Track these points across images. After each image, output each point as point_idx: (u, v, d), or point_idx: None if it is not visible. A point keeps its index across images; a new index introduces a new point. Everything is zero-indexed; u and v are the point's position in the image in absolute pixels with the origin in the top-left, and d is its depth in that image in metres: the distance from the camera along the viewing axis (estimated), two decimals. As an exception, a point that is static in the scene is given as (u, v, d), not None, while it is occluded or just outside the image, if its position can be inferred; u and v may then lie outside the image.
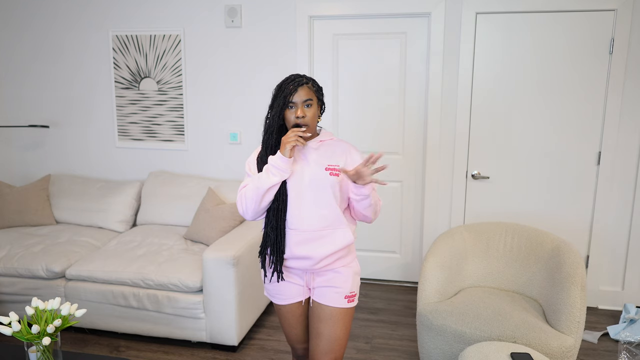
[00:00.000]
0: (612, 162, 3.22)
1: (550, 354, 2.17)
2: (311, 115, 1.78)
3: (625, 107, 3.17)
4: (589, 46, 3.16)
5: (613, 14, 3.10)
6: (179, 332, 2.84)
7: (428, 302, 2.49)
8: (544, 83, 3.26)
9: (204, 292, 2.75)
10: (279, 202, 1.79)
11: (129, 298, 2.84)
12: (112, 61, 3.80)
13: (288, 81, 1.78)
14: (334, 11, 3.44)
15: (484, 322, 2.28)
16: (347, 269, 1.88)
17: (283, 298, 1.92)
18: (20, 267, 2.96)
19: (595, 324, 3.17)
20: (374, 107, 3.57)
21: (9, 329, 1.70)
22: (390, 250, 3.76)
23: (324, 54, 3.57)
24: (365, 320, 3.22)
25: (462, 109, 3.37)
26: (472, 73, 3.34)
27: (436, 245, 2.72)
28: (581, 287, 2.32)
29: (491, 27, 3.28)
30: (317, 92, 1.82)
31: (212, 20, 3.61)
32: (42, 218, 3.58)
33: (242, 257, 2.76)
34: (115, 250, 3.10)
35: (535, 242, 2.72)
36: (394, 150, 3.60)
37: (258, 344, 2.93)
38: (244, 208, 1.81)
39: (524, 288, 2.68)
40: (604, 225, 3.30)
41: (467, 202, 3.50)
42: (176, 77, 3.72)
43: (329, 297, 1.86)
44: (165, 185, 3.62)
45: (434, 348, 2.38)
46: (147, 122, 3.83)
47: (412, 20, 3.41)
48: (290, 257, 1.83)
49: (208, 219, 3.18)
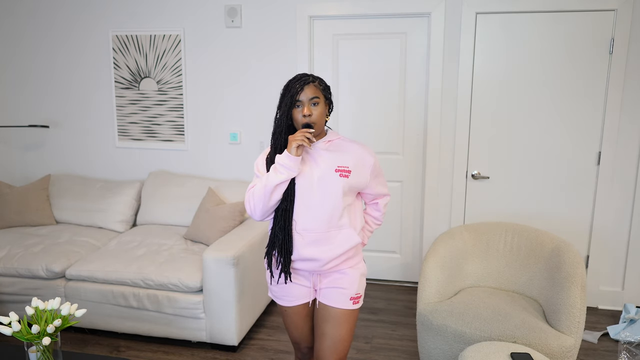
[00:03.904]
0: (612, 162, 3.22)
1: (550, 354, 2.17)
2: (318, 114, 1.77)
3: (625, 107, 3.17)
4: (589, 46, 3.16)
5: (613, 14, 3.09)
6: (179, 332, 2.84)
7: (428, 302, 2.49)
8: (544, 83, 3.25)
9: (204, 292, 2.75)
10: (288, 202, 1.78)
11: (129, 298, 2.84)
12: (112, 61, 3.80)
13: (294, 80, 1.77)
14: (334, 11, 3.44)
15: (484, 322, 2.28)
16: (353, 270, 1.87)
17: (289, 300, 1.91)
18: (20, 267, 2.96)
19: (595, 324, 3.17)
20: (374, 107, 3.57)
21: (9, 329, 1.70)
22: (390, 250, 3.76)
23: (324, 54, 3.57)
24: (365, 320, 3.22)
25: (462, 109, 3.37)
26: (472, 73, 3.34)
27: (436, 245, 2.72)
28: (581, 287, 2.32)
29: (491, 27, 3.27)
30: (324, 91, 1.81)
31: (212, 20, 3.61)
32: (42, 218, 3.58)
33: (242, 257, 2.76)
34: (115, 250, 3.10)
35: (535, 242, 2.72)
36: (394, 150, 3.60)
37: (258, 344, 2.93)
38: (252, 208, 1.80)
39: (524, 288, 2.68)
40: (604, 225, 3.30)
41: (467, 202, 3.50)
42: (176, 77, 3.72)
43: (334, 298, 1.85)
44: (165, 185, 3.62)
45: (434, 348, 2.38)
46: (147, 122, 3.83)
47: (412, 20, 3.41)
48: (298, 258, 1.82)
49: (208, 219, 3.18)
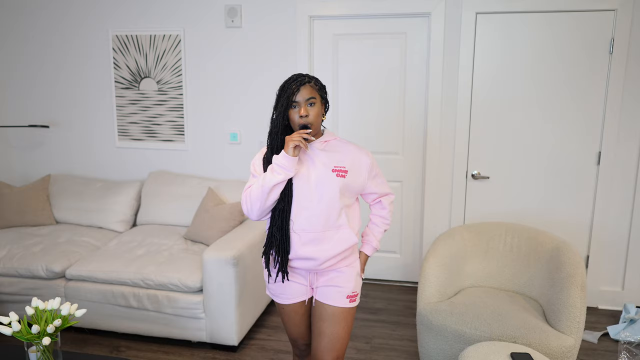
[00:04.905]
0: (612, 162, 3.22)
1: (550, 354, 2.17)
2: (314, 114, 1.77)
3: (625, 107, 3.17)
4: (589, 46, 3.16)
5: (613, 14, 3.09)
6: (179, 332, 2.84)
7: (428, 302, 2.49)
8: (544, 83, 3.25)
9: (204, 292, 2.75)
10: (285, 202, 1.79)
11: (129, 298, 2.84)
12: (112, 61, 3.80)
13: (290, 81, 1.78)
14: (334, 11, 3.44)
15: (484, 322, 2.28)
16: (350, 268, 1.89)
17: (286, 297, 1.93)
18: (20, 267, 2.96)
19: (595, 324, 3.17)
20: (374, 107, 3.57)
21: (9, 329, 1.70)
22: (390, 250, 3.76)
23: (324, 54, 3.57)
24: (365, 320, 3.22)
25: (462, 109, 3.37)
26: (472, 73, 3.33)
27: (436, 245, 2.72)
28: (581, 287, 2.32)
29: (491, 27, 3.27)
30: (319, 91, 1.81)
31: (212, 20, 3.61)
32: (42, 218, 3.58)
33: (242, 257, 2.76)
34: (115, 250, 3.10)
35: (535, 242, 2.72)
36: (394, 150, 3.60)
37: (258, 344, 2.93)
38: (249, 208, 1.81)
39: (524, 288, 2.68)
40: (604, 225, 3.30)
41: (467, 202, 3.50)
42: (176, 77, 3.72)
43: (331, 296, 1.87)
44: (165, 185, 3.62)
45: (434, 348, 2.38)
46: (147, 122, 3.83)
47: (412, 20, 3.41)
48: (295, 257, 1.83)
49: (208, 219, 3.18)
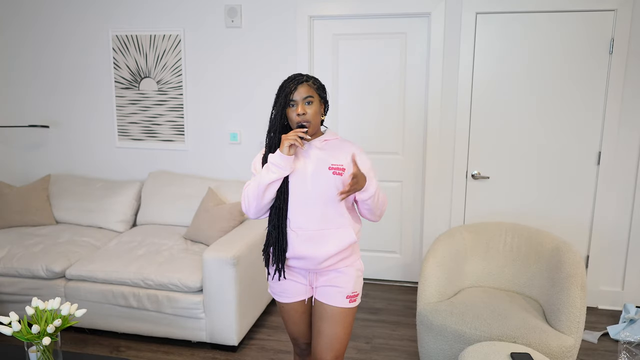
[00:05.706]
0: (612, 162, 3.22)
1: (550, 354, 2.17)
2: (312, 113, 1.78)
3: (625, 107, 3.17)
4: (589, 46, 3.16)
5: (613, 14, 3.09)
6: (179, 332, 2.84)
7: (428, 302, 2.49)
8: (544, 83, 3.25)
9: (204, 292, 2.75)
10: (281, 200, 1.80)
11: (129, 298, 2.84)
12: (112, 61, 3.80)
13: (288, 80, 1.80)
14: (334, 11, 3.44)
15: (484, 322, 2.28)
16: (350, 269, 1.88)
17: (286, 296, 1.93)
18: (20, 267, 2.96)
19: (595, 324, 3.17)
20: (374, 107, 3.57)
21: (9, 329, 1.70)
22: (390, 250, 3.76)
23: (324, 54, 3.57)
24: (365, 320, 3.22)
25: (462, 109, 3.37)
26: (472, 73, 3.34)
27: (436, 245, 2.72)
28: (581, 287, 2.32)
29: (491, 27, 3.27)
30: (318, 90, 1.82)
31: (212, 20, 3.61)
32: (42, 218, 3.58)
33: (242, 257, 2.76)
34: (115, 250, 3.10)
35: (535, 242, 2.72)
36: (394, 150, 3.60)
37: (258, 344, 2.93)
38: (247, 205, 1.84)
39: (524, 288, 2.68)
40: (603, 225, 3.30)
41: (467, 202, 3.50)
42: (176, 77, 3.72)
43: (331, 296, 1.87)
44: (165, 185, 3.62)
45: (434, 348, 2.38)
46: (147, 122, 3.83)
47: (412, 20, 3.41)
48: (292, 256, 1.83)
49: (208, 219, 3.18)
